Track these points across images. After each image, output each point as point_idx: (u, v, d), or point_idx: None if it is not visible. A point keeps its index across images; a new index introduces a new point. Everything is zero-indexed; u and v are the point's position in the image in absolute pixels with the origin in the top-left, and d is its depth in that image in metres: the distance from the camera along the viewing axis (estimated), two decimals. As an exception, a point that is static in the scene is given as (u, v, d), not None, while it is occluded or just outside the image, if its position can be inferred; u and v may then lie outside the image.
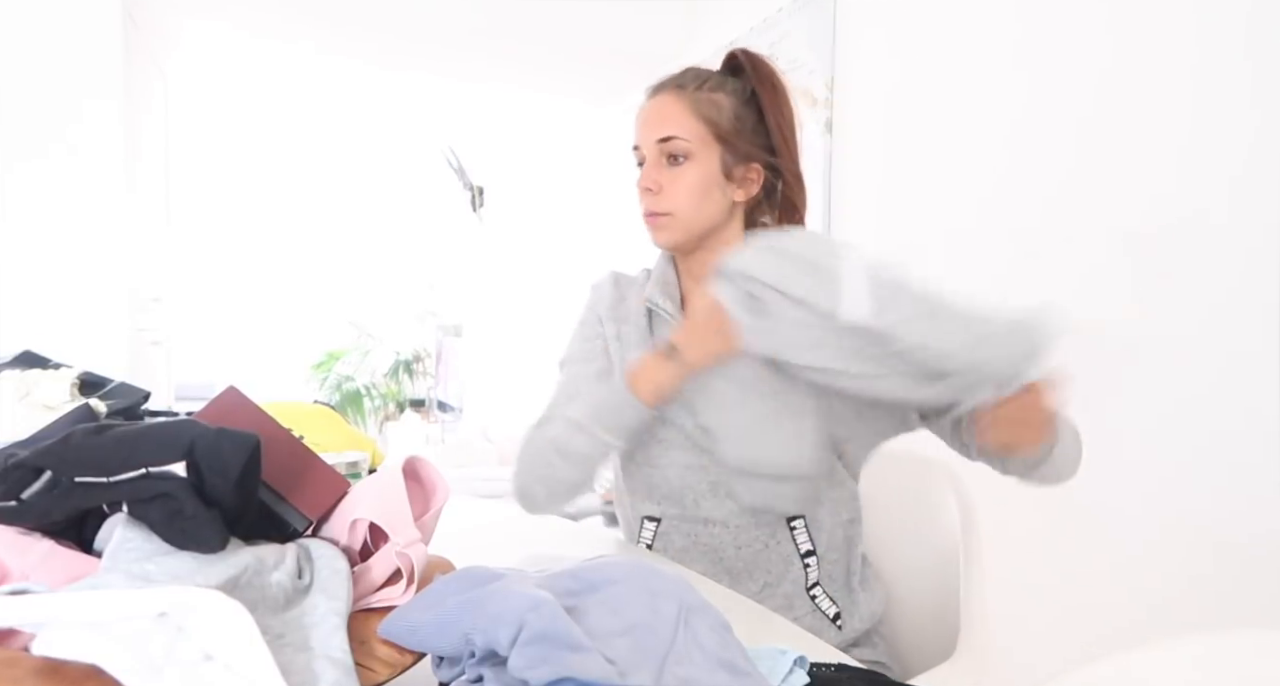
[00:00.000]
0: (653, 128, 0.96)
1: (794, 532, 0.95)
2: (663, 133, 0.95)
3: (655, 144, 0.96)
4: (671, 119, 0.95)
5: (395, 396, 5.46)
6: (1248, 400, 1.27)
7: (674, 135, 0.94)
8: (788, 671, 0.51)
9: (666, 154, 0.95)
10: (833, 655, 0.65)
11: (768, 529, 0.95)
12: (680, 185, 0.95)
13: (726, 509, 0.94)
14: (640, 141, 0.98)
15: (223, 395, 0.62)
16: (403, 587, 0.53)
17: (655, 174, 0.96)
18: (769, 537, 0.95)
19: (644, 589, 0.49)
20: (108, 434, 0.48)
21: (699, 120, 0.94)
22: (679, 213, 0.96)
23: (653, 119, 0.97)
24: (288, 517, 0.55)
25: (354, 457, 0.88)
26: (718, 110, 0.95)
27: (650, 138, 0.96)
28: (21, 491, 0.45)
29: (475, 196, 4.56)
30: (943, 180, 1.86)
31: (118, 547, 0.44)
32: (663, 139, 0.95)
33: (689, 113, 0.95)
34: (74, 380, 0.76)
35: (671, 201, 0.95)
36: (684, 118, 0.95)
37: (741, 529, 0.95)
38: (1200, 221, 1.33)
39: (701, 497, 0.95)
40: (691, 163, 0.95)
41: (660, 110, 0.97)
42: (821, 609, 0.95)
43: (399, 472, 0.59)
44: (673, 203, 0.95)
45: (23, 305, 2.35)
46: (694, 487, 0.95)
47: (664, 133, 0.95)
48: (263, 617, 0.43)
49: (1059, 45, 1.57)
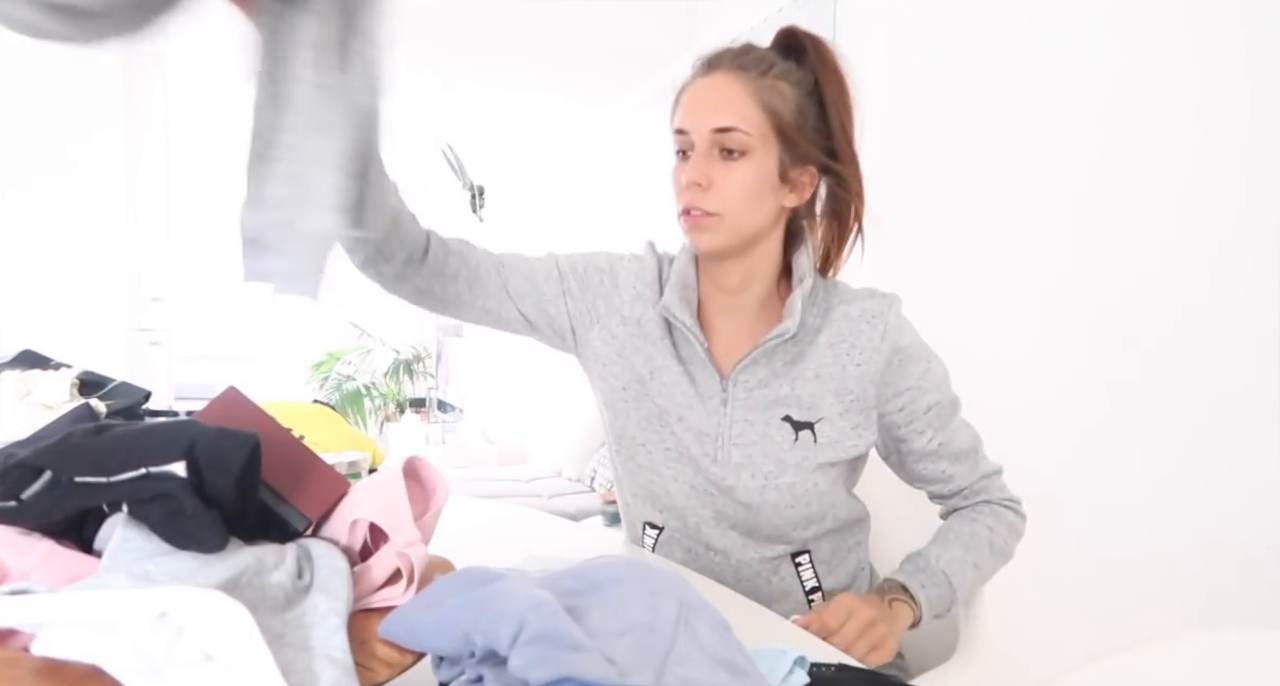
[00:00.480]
0: (709, 112, 0.82)
1: (799, 568, 0.91)
2: (722, 121, 0.81)
3: (710, 132, 0.82)
4: (732, 105, 0.82)
5: (395, 396, 5.45)
6: (1248, 400, 1.27)
7: (734, 126, 0.81)
8: (788, 671, 0.51)
9: (721, 146, 0.82)
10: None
11: (771, 564, 0.91)
12: (733, 183, 0.82)
13: (730, 539, 0.90)
14: (690, 125, 0.83)
15: (223, 395, 0.62)
16: (403, 587, 0.53)
17: (706, 167, 0.82)
18: (772, 573, 0.91)
19: (644, 588, 0.49)
20: (108, 434, 0.48)
21: (762, 110, 0.82)
22: (728, 214, 0.83)
23: (710, 102, 0.83)
24: (288, 517, 0.55)
25: (354, 457, 0.88)
26: (782, 100, 0.83)
27: (705, 123, 0.82)
28: (21, 491, 0.45)
29: (475, 196, 4.56)
30: (943, 180, 1.86)
31: (118, 547, 0.44)
32: (721, 128, 0.81)
33: (752, 100, 0.82)
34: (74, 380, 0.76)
35: (721, 200, 0.83)
36: (747, 105, 0.82)
37: (744, 563, 0.91)
38: (1200, 221, 1.33)
39: (704, 523, 0.91)
40: (748, 159, 0.82)
41: (720, 92, 0.83)
42: None
43: (399, 473, 0.59)
44: (723, 202, 0.83)
45: (23, 305, 2.35)
46: (697, 511, 0.91)
47: (723, 121, 0.81)
48: (263, 617, 0.43)
49: (1061, 44, 1.57)
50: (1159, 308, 1.39)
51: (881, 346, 0.86)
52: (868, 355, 0.86)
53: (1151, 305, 1.41)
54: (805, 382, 0.87)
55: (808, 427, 0.87)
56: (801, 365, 0.87)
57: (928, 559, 0.89)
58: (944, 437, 0.90)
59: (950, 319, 1.80)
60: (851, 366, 0.87)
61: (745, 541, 0.90)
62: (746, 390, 0.88)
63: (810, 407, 0.87)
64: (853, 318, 0.88)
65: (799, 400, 0.87)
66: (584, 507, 3.01)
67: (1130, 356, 1.44)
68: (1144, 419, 1.42)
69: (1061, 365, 1.56)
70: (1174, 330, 1.37)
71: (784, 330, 0.85)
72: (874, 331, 0.87)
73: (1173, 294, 1.37)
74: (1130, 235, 1.44)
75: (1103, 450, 1.49)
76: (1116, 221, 1.46)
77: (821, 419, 0.87)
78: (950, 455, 0.92)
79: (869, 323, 0.87)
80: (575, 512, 2.91)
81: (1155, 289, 1.40)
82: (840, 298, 0.90)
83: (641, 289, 0.93)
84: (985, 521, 0.93)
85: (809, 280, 0.88)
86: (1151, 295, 1.41)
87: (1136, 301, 1.43)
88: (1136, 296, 1.43)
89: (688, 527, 0.92)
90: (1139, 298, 1.43)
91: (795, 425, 0.87)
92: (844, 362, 0.87)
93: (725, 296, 0.91)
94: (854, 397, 0.87)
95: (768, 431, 0.87)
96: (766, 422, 0.87)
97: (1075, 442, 1.53)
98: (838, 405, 0.87)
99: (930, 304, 1.87)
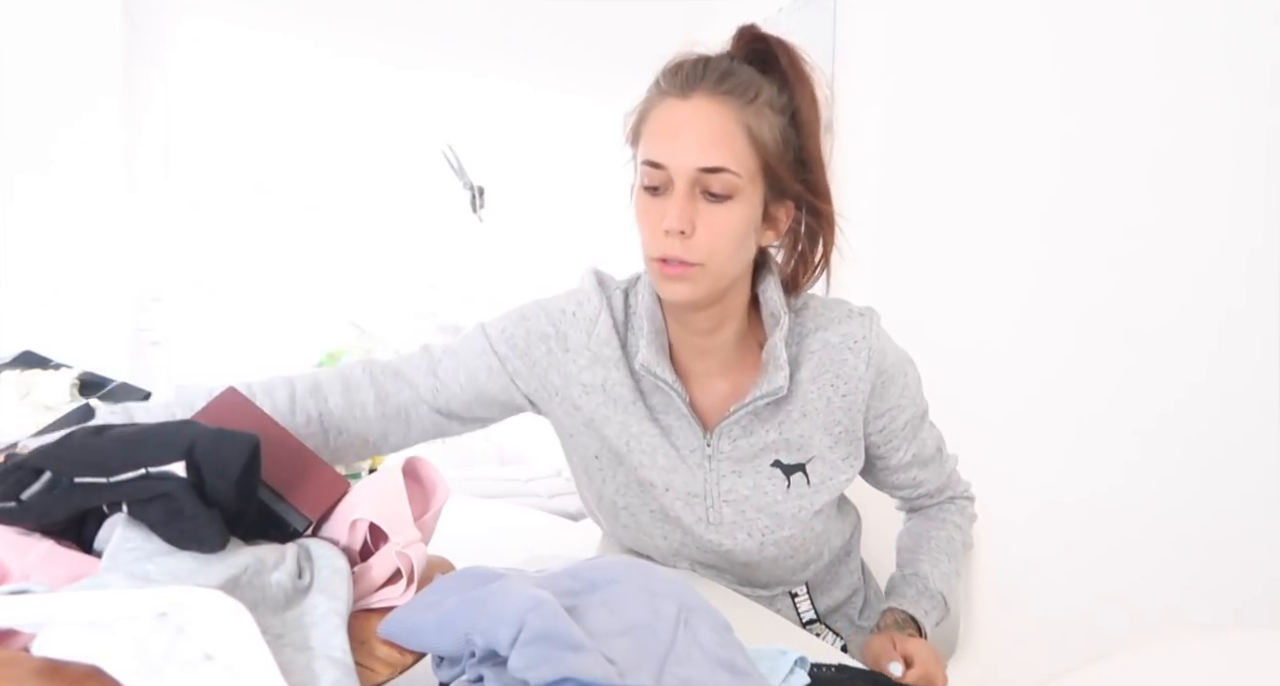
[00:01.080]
0: (696, 149, 0.70)
1: (796, 600, 0.90)
2: (711, 160, 0.69)
3: (695, 171, 0.70)
4: (723, 143, 0.70)
5: (395, 396, 5.45)
6: (1249, 400, 1.27)
7: (725, 167, 0.69)
8: (788, 671, 0.51)
9: (705, 187, 0.70)
10: (833, 655, 0.65)
11: (766, 601, 0.88)
12: (720, 230, 0.71)
13: (724, 580, 0.88)
14: (669, 161, 0.70)
15: (222, 395, 0.62)
16: (402, 587, 0.53)
17: (688, 212, 0.70)
18: (768, 603, 0.89)
19: (644, 589, 0.49)
20: (108, 434, 0.48)
21: (752, 147, 0.71)
22: (712, 264, 0.72)
23: (695, 136, 0.70)
24: (288, 517, 0.55)
25: (354, 457, 0.88)
26: (769, 132, 0.72)
27: (689, 161, 0.70)
28: (21, 492, 0.45)
29: (475, 196, 4.56)
30: (942, 180, 1.86)
31: (118, 547, 0.44)
32: (709, 169, 0.70)
33: (743, 136, 0.70)
34: (74, 380, 0.76)
35: (706, 250, 0.71)
36: (738, 142, 0.70)
37: (737, 601, 0.84)
38: (1195, 219, 1.33)
39: (694, 568, 0.88)
40: (735, 202, 0.71)
41: (707, 125, 0.70)
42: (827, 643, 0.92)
43: (399, 472, 0.59)
44: (708, 251, 0.71)
45: (23, 305, 2.35)
46: (685, 558, 0.88)
47: (713, 160, 0.69)
48: (263, 617, 0.43)
49: (1060, 45, 1.57)
50: (1157, 306, 1.39)
51: (866, 373, 0.81)
52: (854, 384, 0.81)
53: (1150, 304, 1.41)
54: (792, 424, 0.81)
55: (799, 469, 0.82)
56: (786, 407, 0.81)
57: (925, 581, 0.88)
58: (916, 448, 0.89)
59: (946, 320, 1.80)
60: (838, 398, 0.81)
61: (741, 585, 0.88)
62: (731, 441, 0.81)
63: (800, 448, 0.81)
64: (833, 346, 0.81)
65: (787, 443, 0.81)
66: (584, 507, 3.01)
67: (1130, 356, 1.44)
68: (1144, 419, 1.42)
69: (1062, 365, 1.56)
70: (1174, 330, 1.37)
71: (776, 390, 0.77)
72: (858, 359, 0.80)
73: (1168, 292, 1.37)
74: (1128, 234, 1.44)
75: (1102, 450, 1.49)
76: (1115, 221, 1.46)
77: (813, 458, 0.82)
78: (921, 462, 0.90)
79: (851, 350, 0.80)
80: (575, 513, 2.90)
81: (1150, 287, 1.40)
82: (815, 322, 0.82)
83: (598, 348, 0.81)
84: (954, 520, 0.95)
85: (784, 318, 0.79)
86: (1148, 294, 1.40)
87: (1133, 300, 1.43)
88: (1133, 295, 1.43)
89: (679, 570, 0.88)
90: (1135, 296, 1.42)
91: (786, 469, 0.81)
92: (829, 395, 0.81)
93: (697, 338, 0.81)
94: (842, 429, 0.82)
95: (758, 481, 0.81)
96: (756, 472, 0.81)
97: (1075, 443, 1.53)
98: (827, 439, 0.82)
99: (926, 304, 1.87)
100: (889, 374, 0.82)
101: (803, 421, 0.81)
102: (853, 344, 0.80)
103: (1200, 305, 1.33)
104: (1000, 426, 1.60)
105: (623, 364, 0.81)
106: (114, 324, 2.45)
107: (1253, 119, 1.26)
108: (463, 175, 4.48)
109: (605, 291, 0.84)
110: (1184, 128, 1.36)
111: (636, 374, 0.81)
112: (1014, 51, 1.68)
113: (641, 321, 0.80)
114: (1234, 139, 1.29)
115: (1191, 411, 1.35)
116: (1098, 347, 1.50)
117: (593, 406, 0.81)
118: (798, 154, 0.75)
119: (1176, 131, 1.37)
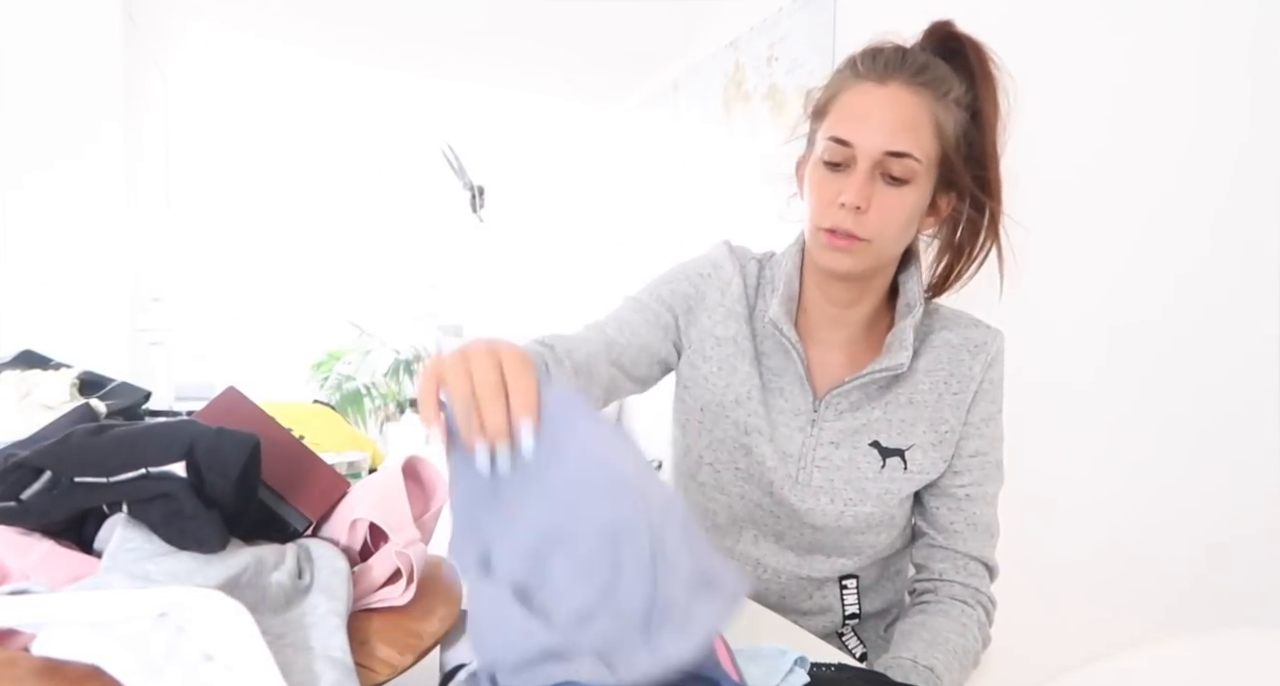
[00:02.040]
0: (887, 133, 0.74)
1: (844, 591, 0.89)
2: (899, 145, 0.74)
3: (881, 153, 0.74)
4: (911, 129, 0.74)
5: (395, 396, 5.45)
6: (1248, 400, 1.27)
7: (910, 152, 0.74)
8: (788, 670, 0.51)
9: (886, 169, 0.75)
10: (833, 655, 0.65)
11: (816, 584, 0.89)
12: (894, 211, 0.76)
13: (783, 559, 0.88)
14: (858, 140, 0.75)
15: (223, 395, 0.62)
16: (402, 587, 0.53)
17: (868, 190, 0.75)
18: (815, 589, 0.89)
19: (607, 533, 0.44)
20: (108, 434, 0.48)
21: (935, 137, 0.76)
22: (878, 242, 0.77)
23: (888, 120, 0.74)
24: (288, 517, 0.55)
25: (354, 457, 0.88)
26: (953, 124, 0.77)
27: (878, 144, 0.74)
28: (21, 491, 0.45)
29: (475, 196, 4.56)
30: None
31: (118, 547, 0.44)
32: (895, 153, 0.74)
33: (930, 125, 0.75)
34: (74, 380, 0.76)
35: (876, 227, 0.76)
36: (925, 131, 0.75)
37: (791, 581, 0.88)
38: (1204, 221, 1.33)
39: (763, 537, 0.88)
40: (911, 187, 0.76)
41: (900, 112, 0.75)
42: (848, 647, 0.92)
43: (399, 472, 0.59)
44: (877, 229, 0.76)
45: (23, 305, 2.35)
46: (751, 530, 0.88)
47: (901, 145, 0.74)
48: (263, 617, 0.43)
49: (1060, 45, 1.57)
50: (1156, 305, 1.39)
51: (978, 377, 0.84)
52: (965, 384, 0.84)
53: (1149, 302, 1.41)
54: (898, 408, 0.83)
55: (897, 454, 0.83)
56: (895, 390, 0.84)
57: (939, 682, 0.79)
58: (973, 491, 0.86)
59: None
60: (949, 395, 0.84)
61: (800, 560, 0.88)
62: (837, 413, 0.84)
63: (901, 433, 0.83)
64: (954, 346, 0.85)
65: (889, 425, 0.83)
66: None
67: (1131, 357, 1.44)
68: (1145, 419, 1.42)
69: (1061, 365, 1.56)
70: (1179, 331, 1.37)
71: (897, 366, 0.81)
72: (975, 362, 0.84)
73: (1170, 292, 1.37)
74: (1133, 234, 1.44)
75: (1103, 451, 1.49)
76: (1121, 221, 1.46)
77: (913, 446, 0.83)
78: (968, 513, 0.86)
79: (970, 352, 0.85)
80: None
81: (1152, 288, 1.40)
82: (941, 323, 0.87)
83: (731, 304, 0.88)
84: (974, 632, 0.84)
85: (919, 308, 0.84)
86: (1149, 293, 1.40)
87: (1134, 300, 1.43)
88: (1134, 295, 1.43)
89: (739, 544, 0.90)
90: (1136, 296, 1.42)
91: (883, 451, 0.83)
92: (940, 391, 0.84)
93: (833, 309, 0.86)
94: (948, 428, 0.84)
95: (854, 457, 0.84)
96: (854, 447, 0.84)
97: (1076, 443, 1.53)
98: (931, 435, 0.84)
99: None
100: (989, 393, 0.85)
101: (909, 408, 0.84)
102: (973, 348, 0.85)
103: (1200, 305, 1.33)
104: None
105: (748, 323, 0.88)
106: (114, 324, 2.45)
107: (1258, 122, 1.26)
108: (463, 175, 4.48)
109: (739, 259, 0.91)
110: (1188, 128, 1.36)
111: (758, 335, 0.88)
112: (1015, 51, 1.68)
113: (777, 284, 0.87)
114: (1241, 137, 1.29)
115: (1194, 411, 1.35)
116: (1099, 348, 1.50)
117: (722, 357, 0.87)
118: (974, 150, 0.79)
119: (1176, 130, 1.37)
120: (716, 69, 2.74)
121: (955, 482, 0.86)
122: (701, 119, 2.86)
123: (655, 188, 3.23)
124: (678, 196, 3.04)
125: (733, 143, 2.62)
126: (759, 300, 0.89)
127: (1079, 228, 1.53)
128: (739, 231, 1.16)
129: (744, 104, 2.54)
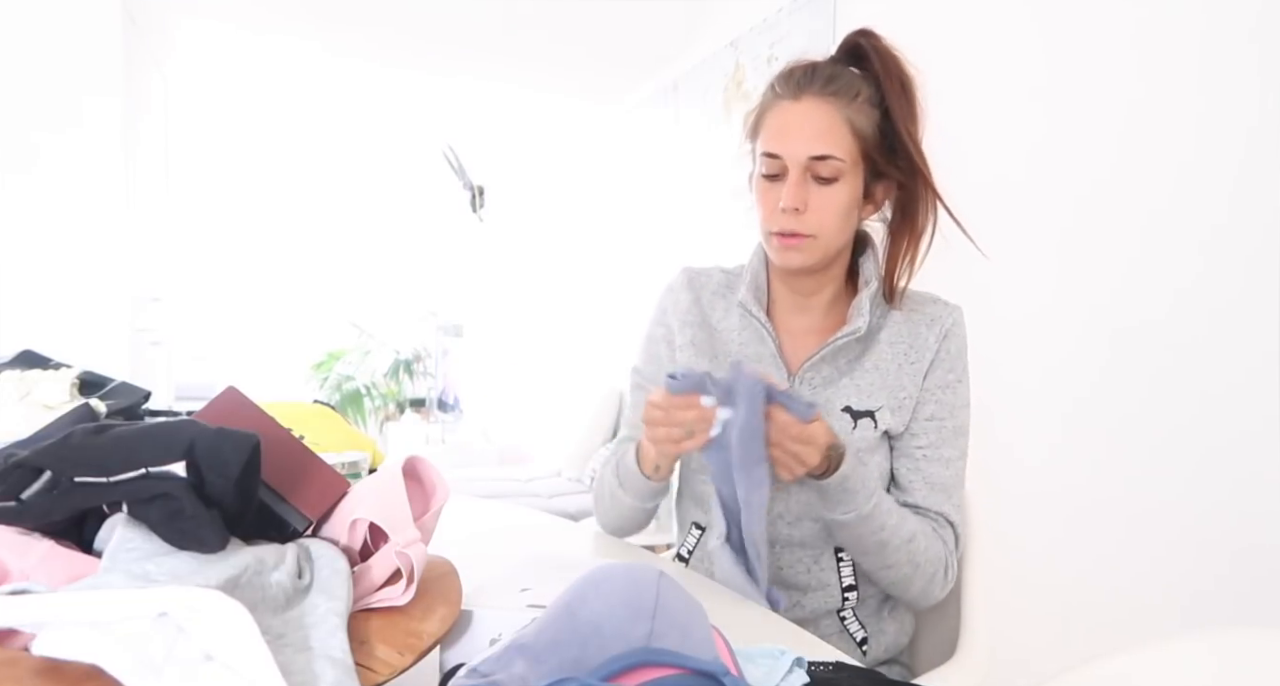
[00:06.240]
0: (805, 141, 0.86)
1: (840, 563, 0.93)
2: (818, 150, 0.85)
3: (806, 159, 0.86)
4: (827, 134, 0.86)
5: (395, 396, 5.45)
6: (1249, 398, 1.27)
7: (830, 155, 0.85)
8: (787, 671, 0.51)
9: (815, 172, 0.86)
10: (833, 654, 0.65)
11: (812, 553, 0.93)
12: (829, 208, 0.87)
13: (776, 530, 0.92)
14: (784, 152, 0.87)
15: (222, 395, 0.62)
16: (402, 587, 0.53)
17: (802, 193, 0.86)
18: (813, 562, 0.93)
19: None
20: (108, 434, 0.48)
21: (853, 137, 0.87)
22: (824, 235, 0.88)
23: (805, 131, 0.86)
24: (288, 517, 0.55)
25: (354, 457, 0.88)
26: (867, 123, 0.87)
27: (801, 151, 0.86)
28: (21, 491, 0.45)
29: (475, 196, 4.56)
30: (941, 179, 1.86)
31: (118, 547, 0.44)
32: (818, 157, 0.86)
33: (844, 128, 0.86)
34: (74, 380, 0.75)
35: (816, 223, 0.87)
36: (839, 134, 0.86)
37: (786, 550, 0.93)
38: (1195, 214, 1.33)
39: None
40: (840, 183, 0.87)
41: (813, 121, 0.86)
42: (849, 631, 0.94)
43: (399, 472, 0.59)
44: (818, 225, 0.88)
45: (23, 305, 2.35)
46: None
47: (819, 150, 0.85)
48: (263, 617, 0.43)
49: (1060, 46, 1.57)
50: (1154, 303, 1.39)
51: (934, 347, 0.93)
52: (922, 354, 0.92)
53: (1147, 301, 1.41)
54: (864, 374, 0.92)
55: (868, 415, 0.91)
56: (862, 360, 0.93)
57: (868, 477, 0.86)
58: (930, 452, 0.92)
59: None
60: (908, 365, 0.92)
61: (791, 529, 0.92)
62: (811, 388, 0.93)
63: (870, 396, 0.91)
64: (914, 321, 0.94)
65: (858, 389, 0.92)
66: (584, 507, 3.01)
67: (1131, 357, 1.44)
68: (1145, 419, 1.42)
69: (1060, 365, 1.56)
70: (1182, 331, 1.37)
71: (854, 329, 0.90)
72: (931, 333, 0.93)
73: (1164, 288, 1.37)
74: (1128, 230, 1.44)
75: (1104, 451, 1.49)
76: (1113, 217, 1.46)
77: (881, 408, 0.91)
78: (925, 472, 0.92)
79: (928, 326, 0.94)
80: (575, 512, 2.91)
81: (1147, 283, 1.40)
82: (907, 303, 0.96)
83: (683, 315, 1.01)
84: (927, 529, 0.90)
85: (874, 283, 0.94)
86: (1143, 289, 1.40)
87: (1128, 296, 1.43)
88: (1128, 291, 1.43)
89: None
90: (1131, 292, 1.42)
91: (855, 414, 0.91)
92: (900, 362, 0.92)
93: (798, 298, 0.97)
94: (906, 395, 0.92)
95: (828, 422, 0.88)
96: (827, 415, 0.90)
97: (1076, 443, 1.53)
98: (891, 400, 0.91)
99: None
100: (946, 363, 0.93)
101: (873, 373, 0.92)
102: (929, 321, 0.94)
103: (1194, 299, 1.33)
104: (999, 427, 1.60)
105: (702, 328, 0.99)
106: (114, 324, 2.45)
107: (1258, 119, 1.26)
108: (463, 175, 4.48)
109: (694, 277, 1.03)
110: (1190, 129, 1.36)
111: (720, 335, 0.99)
112: (1014, 52, 1.68)
113: (745, 277, 0.98)
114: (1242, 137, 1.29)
115: (1194, 411, 1.35)
116: (1091, 345, 1.50)
117: (685, 362, 0.98)
118: (891, 141, 0.89)
119: (1175, 131, 1.37)
120: (717, 69, 2.74)
121: (913, 444, 0.93)
122: (701, 119, 2.86)
123: (655, 187, 3.23)
124: (678, 196, 3.04)
125: (733, 143, 2.62)
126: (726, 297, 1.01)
127: (1080, 231, 1.53)
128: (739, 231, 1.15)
129: (744, 104, 2.54)
